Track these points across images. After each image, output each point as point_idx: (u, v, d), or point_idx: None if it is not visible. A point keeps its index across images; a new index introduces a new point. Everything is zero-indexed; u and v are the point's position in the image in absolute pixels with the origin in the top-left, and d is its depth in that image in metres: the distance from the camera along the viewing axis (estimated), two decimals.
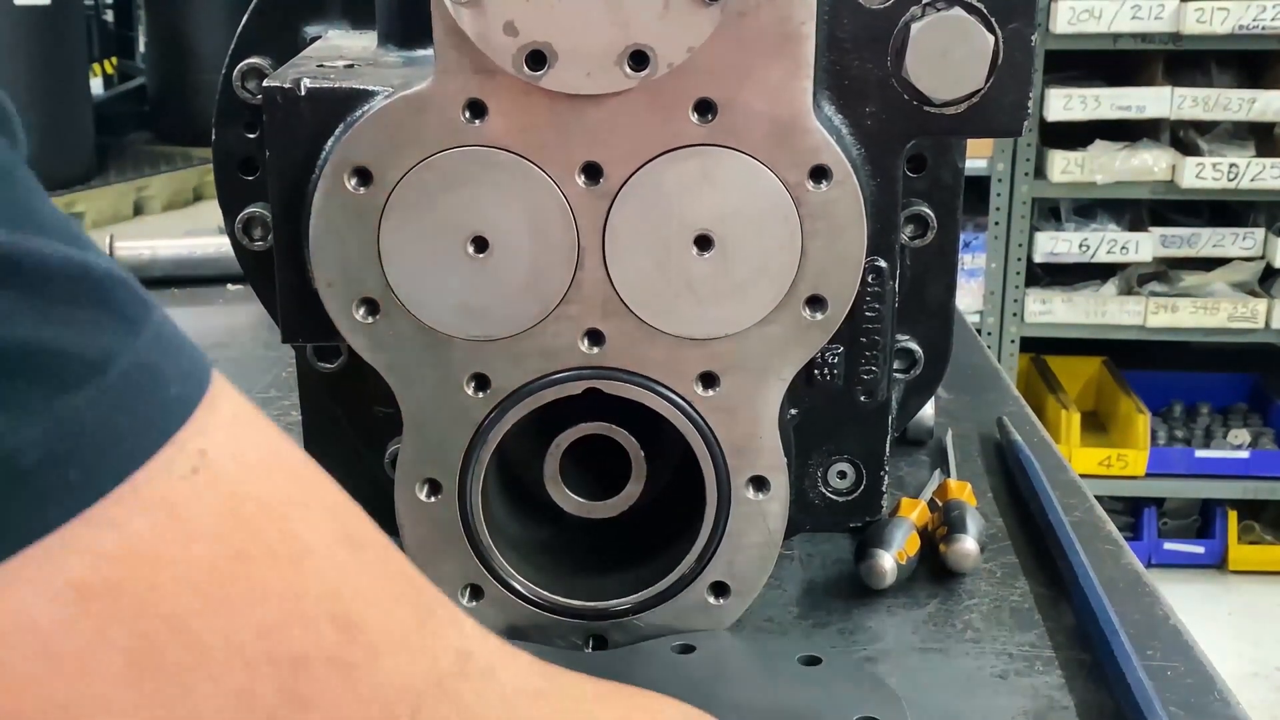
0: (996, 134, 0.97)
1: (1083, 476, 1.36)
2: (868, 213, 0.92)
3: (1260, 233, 3.74)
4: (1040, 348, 4.07)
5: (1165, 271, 3.89)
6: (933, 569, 1.13)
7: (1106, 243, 3.77)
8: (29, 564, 0.42)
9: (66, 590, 0.43)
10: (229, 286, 1.92)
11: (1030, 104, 0.95)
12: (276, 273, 0.97)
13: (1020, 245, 3.81)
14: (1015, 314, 3.88)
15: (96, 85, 7.10)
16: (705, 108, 0.89)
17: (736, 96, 0.89)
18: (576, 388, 0.95)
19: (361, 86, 0.92)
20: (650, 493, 0.99)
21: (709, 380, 0.95)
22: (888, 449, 1.11)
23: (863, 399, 1.06)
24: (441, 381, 0.94)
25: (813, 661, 0.96)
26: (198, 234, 2.08)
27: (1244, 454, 3.85)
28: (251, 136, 1.09)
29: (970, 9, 0.93)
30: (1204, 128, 3.74)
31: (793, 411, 1.04)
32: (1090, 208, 3.91)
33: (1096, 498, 1.29)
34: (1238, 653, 3.41)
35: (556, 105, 0.88)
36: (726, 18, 0.86)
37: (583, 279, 0.92)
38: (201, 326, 1.81)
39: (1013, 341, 3.89)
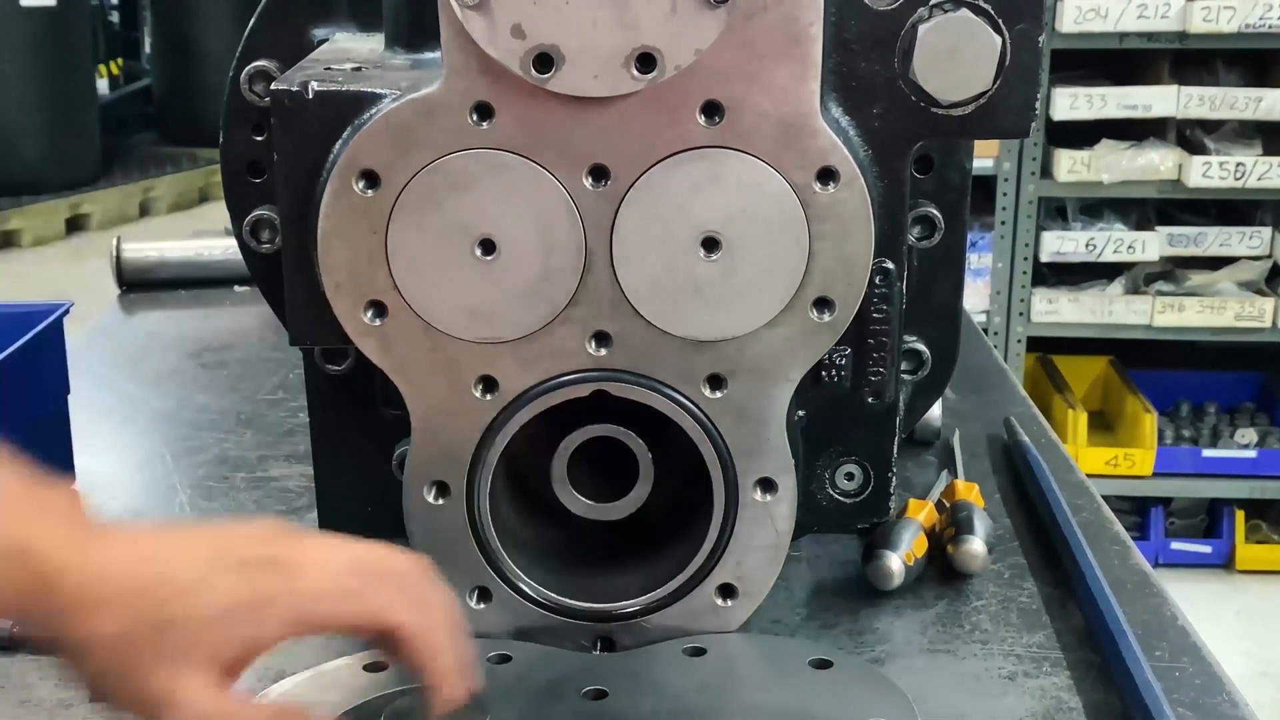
0: (1004, 135, 0.97)
1: (1089, 476, 1.35)
2: (875, 214, 0.92)
3: (1267, 232, 3.72)
4: (1047, 347, 4.06)
5: (1172, 271, 3.88)
6: (940, 570, 1.12)
7: (1113, 242, 3.76)
8: None
9: None
10: (236, 288, 1.91)
11: (1037, 104, 0.95)
12: (284, 275, 0.97)
13: (1026, 245, 3.80)
14: (1022, 314, 3.87)
15: (102, 86, 7.09)
16: (712, 110, 0.89)
17: (744, 98, 0.89)
18: (584, 390, 0.95)
19: (369, 89, 0.92)
20: (658, 495, 0.99)
21: (716, 382, 0.95)
22: (895, 450, 1.11)
23: (870, 400, 1.06)
24: (449, 384, 0.94)
25: (824, 665, 0.96)
26: (204, 235, 2.08)
27: (1251, 453, 3.83)
28: (259, 139, 1.09)
29: (977, 10, 0.93)
30: (1210, 127, 3.72)
31: (800, 413, 1.04)
32: (1097, 207, 3.89)
33: (1103, 497, 1.28)
34: (1245, 652, 3.40)
35: (564, 107, 0.88)
36: (734, 20, 0.86)
37: (590, 281, 0.92)
38: (208, 329, 1.80)
39: (1019, 341, 3.88)
